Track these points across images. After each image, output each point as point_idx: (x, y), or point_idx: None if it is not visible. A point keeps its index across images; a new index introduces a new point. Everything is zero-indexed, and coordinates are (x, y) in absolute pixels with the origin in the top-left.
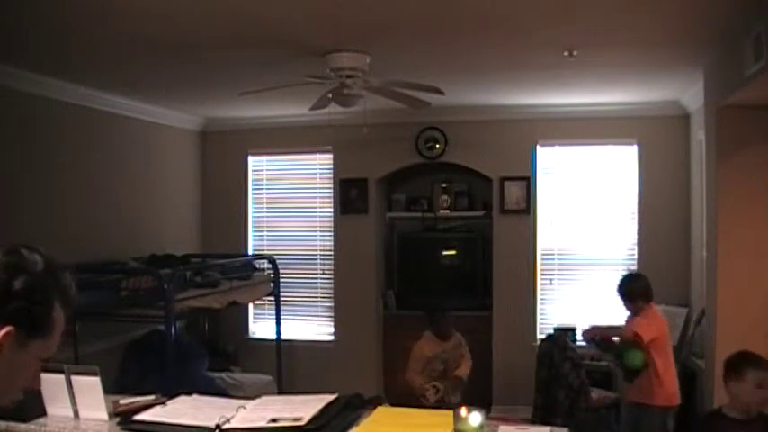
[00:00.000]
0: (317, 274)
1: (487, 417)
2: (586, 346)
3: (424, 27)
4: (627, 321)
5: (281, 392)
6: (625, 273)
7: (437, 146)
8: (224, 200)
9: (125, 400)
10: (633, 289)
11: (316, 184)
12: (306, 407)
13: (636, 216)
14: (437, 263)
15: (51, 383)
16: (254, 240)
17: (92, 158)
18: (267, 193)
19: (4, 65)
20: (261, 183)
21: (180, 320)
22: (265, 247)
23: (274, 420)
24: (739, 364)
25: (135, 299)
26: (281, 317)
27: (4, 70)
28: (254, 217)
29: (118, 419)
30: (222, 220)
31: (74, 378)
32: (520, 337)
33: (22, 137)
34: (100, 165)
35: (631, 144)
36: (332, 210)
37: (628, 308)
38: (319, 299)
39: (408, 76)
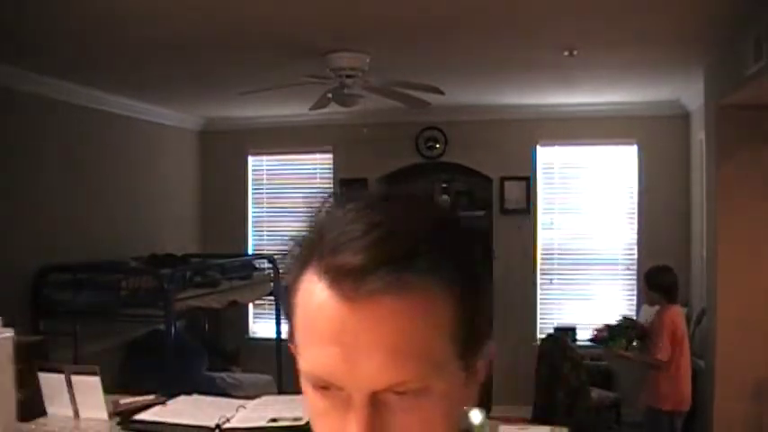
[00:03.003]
0: None
1: (488, 416)
2: (586, 346)
3: (424, 27)
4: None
5: (281, 392)
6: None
7: (437, 146)
8: (224, 200)
9: (125, 400)
10: (655, 280)
11: (316, 184)
12: None
13: (636, 216)
14: None
15: (51, 383)
16: (254, 240)
17: (91, 158)
18: (267, 193)
19: (3, 65)
20: (261, 183)
21: (180, 320)
22: (265, 247)
23: (274, 420)
24: None
25: (135, 299)
26: (281, 317)
27: (4, 70)
28: (254, 217)
29: (118, 419)
30: (222, 220)
31: (74, 378)
32: (520, 337)
33: (22, 137)
34: (100, 165)
35: (631, 144)
36: None
37: (646, 297)
38: None
39: (408, 76)
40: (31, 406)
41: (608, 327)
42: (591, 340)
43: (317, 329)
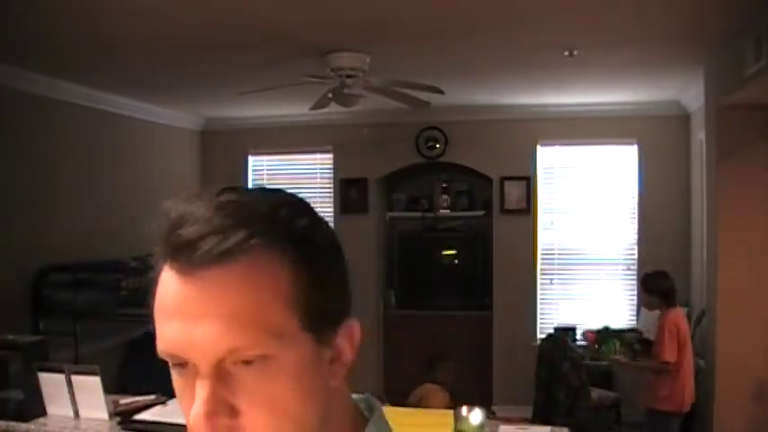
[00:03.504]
0: None
1: (488, 416)
2: (587, 346)
3: (424, 27)
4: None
5: None
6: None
7: (437, 146)
8: None
9: (125, 400)
10: (653, 285)
11: (316, 184)
12: None
13: (636, 216)
14: (437, 263)
15: (51, 383)
16: None
17: (92, 158)
18: None
19: (5, 65)
20: (261, 183)
21: None
22: None
23: None
24: None
25: (135, 299)
26: None
27: (5, 70)
28: None
29: (118, 419)
30: None
31: (74, 378)
32: (520, 337)
33: (22, 136)
34: (100, 164)
35: (631, 144)
36: (332, 210)
37: (644, 302)
38: None
39: (408, 76)
40: (31, 406)
41: (597, 332)
42: (583, 346)
43: (163, 307)
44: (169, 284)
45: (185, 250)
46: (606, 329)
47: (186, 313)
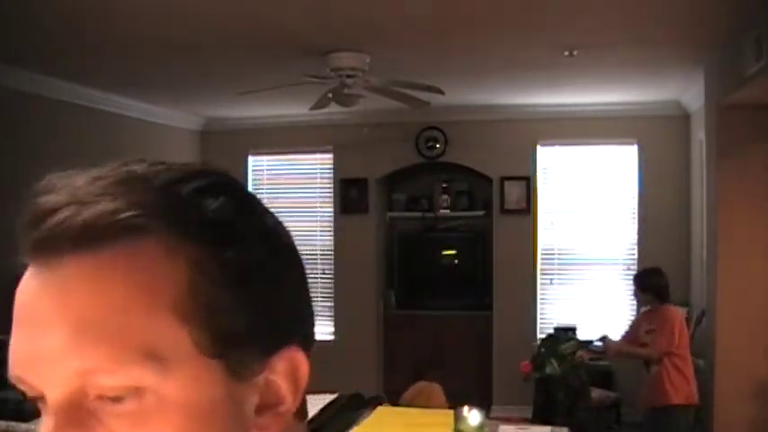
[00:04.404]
0: (316, 273)
1: (488, 416)
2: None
3: (424, 27)
4: (637, 320)
5: None
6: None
7: (437, 146)
8: None
9: None
10: (647, 282)
11: (316, 184)
12: None
13: (636, 216)
14: (437, 263)
15: None
16: None
17: (92, 158)
18: (267, 193)
19: (4, 65)
20: (261, 183)
21: None
22: None
23: None
24: None
25: None
26: None
27: (5, 70)
28: None
29: None
30: None
31: None
32: (520, 337)
33: (22, 136)
34: (100, 164)
35: (631, 144)
36: (332, 210)
37: (638, 299)
38: (319, 298)
39: (408, 76)
40: (31, 406)
41: (531, 360)
42: (524, 379)
43: (14, 310)
44: (24, 279)
45: (37, 227)
46: (542, 351)
47: (32, 319)
